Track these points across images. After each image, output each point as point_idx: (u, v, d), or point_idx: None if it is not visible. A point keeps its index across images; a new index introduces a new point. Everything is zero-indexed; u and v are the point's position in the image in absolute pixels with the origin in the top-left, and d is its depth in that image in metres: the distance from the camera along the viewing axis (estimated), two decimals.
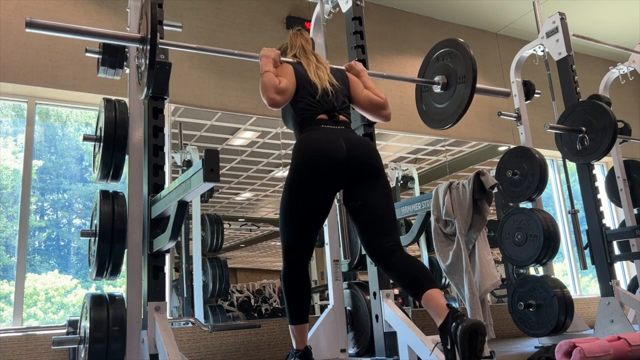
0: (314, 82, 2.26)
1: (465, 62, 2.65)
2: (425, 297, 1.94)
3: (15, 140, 3.86)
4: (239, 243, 4.39)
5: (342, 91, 2.34)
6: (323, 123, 2.22)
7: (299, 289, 2.25)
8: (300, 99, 2.24)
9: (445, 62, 2.79)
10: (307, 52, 2.42)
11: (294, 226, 2.22)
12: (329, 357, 2.92)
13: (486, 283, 2.73)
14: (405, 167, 5.22)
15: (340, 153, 2.13)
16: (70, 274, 3.91)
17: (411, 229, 3.31)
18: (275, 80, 2.21)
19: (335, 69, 2.45)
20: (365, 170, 2.17)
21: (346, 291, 3.18)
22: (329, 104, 2.25)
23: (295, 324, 2.25)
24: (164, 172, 2.39)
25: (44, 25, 2.09)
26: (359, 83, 2.44)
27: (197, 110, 4.26)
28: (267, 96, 2.19)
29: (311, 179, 2.13)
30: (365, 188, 2.17)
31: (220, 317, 3.98)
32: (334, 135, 2.18)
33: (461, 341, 1.68)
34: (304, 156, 2.15)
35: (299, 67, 2.33)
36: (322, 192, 2.18)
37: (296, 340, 2.28)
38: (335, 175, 2.14)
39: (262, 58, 2.33)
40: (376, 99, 2.39)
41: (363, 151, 2.19)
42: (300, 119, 2.25)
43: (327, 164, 2.12)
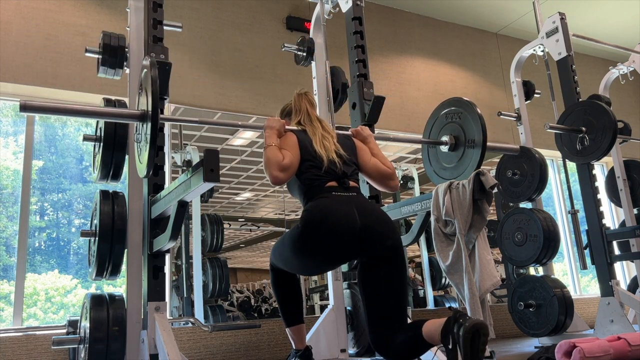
0: (319, 154, 2.15)
1: (475, 126, 2.59)
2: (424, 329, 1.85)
3: (15, 140, 3.86)
4: (239, 243, 4.39)
5: (351, 160, 2.24)
6: (333, 190, 2.10)
7: (290, 292, 2.29)
8: (306, 170, 2.13)
9: (453, 122, 2.74)
10: (313, 118, 2.31)
11: (289, 269, 2.24)
12: (329, 357, 2.92)
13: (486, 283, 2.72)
14: (405, 167, 5.22)
15: (353, 225, 1.99)
16: (70, 274, 3.91)
17: (411, 229, 3.31)
18: (279, 157, 2.08)
19: (342, 135, 2.36)
20: (380, 247, 2.03)
21: (346, 291, 3.18)
22: (337, 172, 2.15)
23: (291, 325, 2.29)
24: (164, 172, 2.39)
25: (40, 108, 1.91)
26: (366, 150, 2.35)
27: (197, 110, 4.26)
28: (270, 173, 2.06)
29: (319, 249, 2.03)
30: (378, 267, 2.03)
31: (220, 317, 3.98)
32: (346, 205, 2.04)
33: (464, 341, 1.67)
34: (314, 225, 2.01)
35: (304, 136, 2.22)
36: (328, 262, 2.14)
37: (295, 341, 2.31)
38: (347, 249, 2.02)
39: (266, 129, 2.20)
40: (384, 169, 2.30)
41: (379, 224, 2.05)
42: (307, 189, 2.13)
43: (339, 235, 1.98)
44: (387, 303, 2.02)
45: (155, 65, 1.98)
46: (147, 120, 1.98)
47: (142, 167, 2.09)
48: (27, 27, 3.79)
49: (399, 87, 5.36)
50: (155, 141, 1.92)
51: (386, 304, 2.02)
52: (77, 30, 3.96)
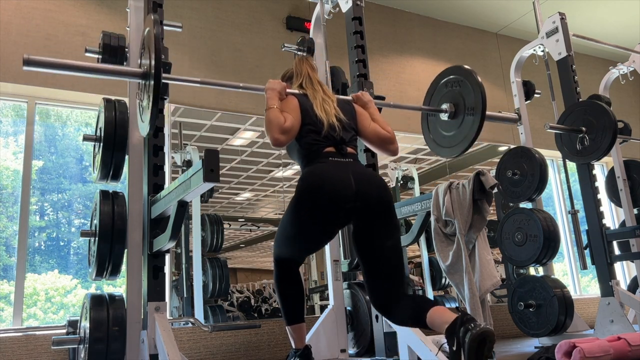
0: (320, 117, 2.18)
1: (474, 93, 2.59)
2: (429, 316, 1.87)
3: (16, 140, 3.86)
4: (239, 243, 4.39)
5: (350, 125, 2.27)
6: (330, 156, 2.14)
7: (292, 289, 2.28)
8: (306, 134, 2.17)
9: (453, 89, 2.74)
10: (314, 81, 2.34)
11: (293, 248, 2.24)
12: (329, 357, 2.92)
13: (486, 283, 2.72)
14: (405, 167, 5.22)
15: (348, 189, 2.04)
16: (70, 274, 3.91)
17: (411, 229, 3.31)
18: (280, 119, 2.11)
19: (342, 100, 2.38)
20: (374, 209, 2.08)
21: (346, 291, 3.18)
22: (336, 137, 2.18)
23: (291, 324, 2.28)
24: (164, 172, 2.40)
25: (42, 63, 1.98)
26: (366, 115, 2.37)
27: (197, 110, 4.26)
28: (271, 135, 2.09)
29: (316, 213, 2.06)
30: (374, 230, 2.09)
31: (220, 317, 3.98)
32: (342, 170, 2.09)
33: (469, 347, 1.64)
34: (310, 189, 2.07)
35: (305, 100, 2.25)
36: (327, 226, 2.14)
37: (295, 340, 2.30)
38: (342, 212, 2.06)
39: (267, 91, 2.23)
40: (384, 134, 2.32)
41: (373, 188, 2.10)
42: (306, 153, 2.17)
43: (335, 201, 2.03)
44: (384, 262, 2.08)
45: (159, 22, 1.98)
46: (149, 79, 1.99)
47: (144, 125, 2.10)
48: (27, 27, 3.79)
49: (399, 87, 5.36)
50: (157, 99, 1.94)
51: (383, 263, 2.08)
52: (77, 30, 3.96)
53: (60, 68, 2.06)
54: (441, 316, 1.83)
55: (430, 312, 1.87)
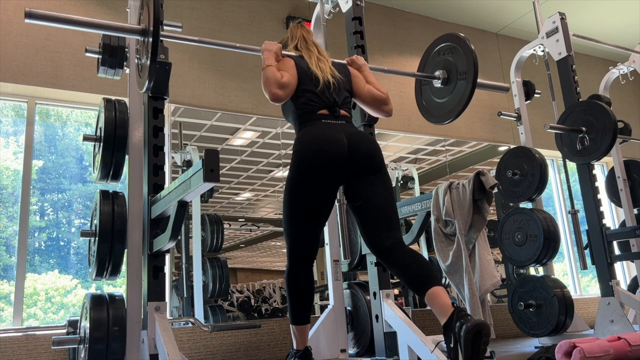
0: (315, 75, 2.26)
1: (466, 58, 2.64)
2: (428, 294, 1.93)
3: (16, 140, 3.86)
4: (239, 243, 4.38)
5: (344, 84, 2.34)
6: (324, 118, 2.22)
7: (302, 289, 2.25)
8: (302, 94, 2.24)
9: (446, 57, 2.77)
10: (309, 43, 2.42)
11: (298, 223, 2.21)
12: (329, 357, 2.92)
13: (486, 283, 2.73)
14: (405, 167, 5.22)
15: (341, 148, 2.13)
16: (70, 274, 3.91)
17: (411, 229, 3.31)
18: (277, 75, 2.19)
19: (337, 63, 2.45)
20: (366, 165, 2.17)
21: (346, 291, 3.18)
22: (329, 98, 2.25)
23: (296, 324, 2.26)
24: (164, 172, 2.39)
25: (43, 16, 2.05)
26: (360, 77, 2.44)
27: (197, 110, 4.26)
28: (269, 90, 2.17)
29: (312, 174, 2.13)
30: (366, 184, 2.17)
31: (220, 317, 3.98)
32: (334, 130, 2.17)
33: (465, 341, 1.67)
34: (305, 151, 2.15)
35: (301, 60, 2.33)
36: (323, 187, 2.17)
37: (297, 340, 2.29)
38: (336, 170, 2.14)
39: (264, 52, 2.33)
40: (378, 94, 2.39)
41: (364, 146, 2.19)
42: (300, 113, 2.24)
43: (328, 159, 2.12)
44: (378, 209, 2.15)
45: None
46: (148, 35, 2.03)
47: (142, 81, 2.14)
48: (27, 27, 3.79)
49: (399, 87, 5.36)
50: (156, 54, 1.98)
51: (377, 209, 2.15)
52: (77, 30, 3.95)
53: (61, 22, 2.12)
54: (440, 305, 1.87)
55: (432, 289, 1.92)
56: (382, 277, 2.65)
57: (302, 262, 2.24)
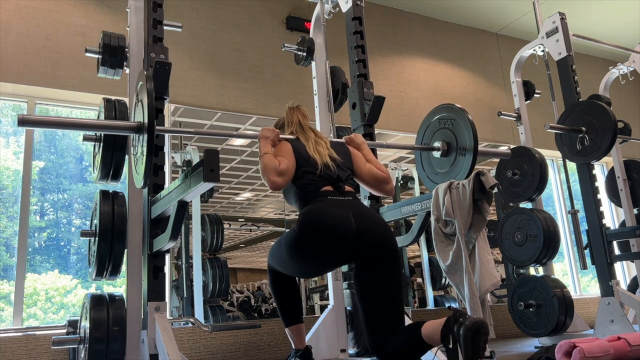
0: (313, 159, 2.18)
1: (467, 133, 2.57)
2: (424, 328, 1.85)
3: (16, 140, 3.86)
4: (239, 243, 4.38)
5: (345, 165, 2.27)
6: (329, 194, 2.12)
7: (288, 292, 2.31)
8: (302, 176, 2.16)
9: (446, 128, 2.72)
10: (305, 128, 2.35)
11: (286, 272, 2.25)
12: (329, 357, 2.92)
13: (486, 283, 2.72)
14: (405, 167, 5.22)
15: (348, 227, 2.00)
16: (70, 274, 3.91)
17: (411, 229, 3.31)
18: (275, 162, 2.11)
19: (336, 142, 2.39)
20: (376, 249, 2.03)
21: (346, 291, 3.18)
22: (332, 176, 2.17)
23: (290, 325, 2.31)
24: (164, 172, 2.39)
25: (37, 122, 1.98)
26: (360, 156, 2.38)
27: (197, 110, 4.26)
28: (268, 179, 2.08)
29: (315, 253, 2.04)
30: (373, 272, 2.03)
31: (220, 317, 3.98)
32: (341, 208, 2.05)
33: (464, 340, 1.67)
34: (309, 229, 2.03)
35: (298, 143, 2.26)
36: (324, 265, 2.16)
37: (294, 341, 2.32)
38: (342, 251, 2.03)
39: (260, 139, 2.23)
40: (379, 174, 2.33)
41: (374, 227, 2.05)
42: (303, 194, 2.15)
43: (335, 238, 1.99)
44: (383, 305, 2.02)
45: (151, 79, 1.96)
46: (143, 132, 1.97)
47: (138, 177, 2.08)
48: (27, 27, 3.79)
49: (399, 87, 5.36)
50: (151, 153, 1.93)
51: (382, 305, 2.02)
52: (77, 30, 3.96)
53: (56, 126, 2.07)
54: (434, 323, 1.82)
55: (424, 325, 1.86)
56: None
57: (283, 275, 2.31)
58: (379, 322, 2.01)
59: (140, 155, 2.02)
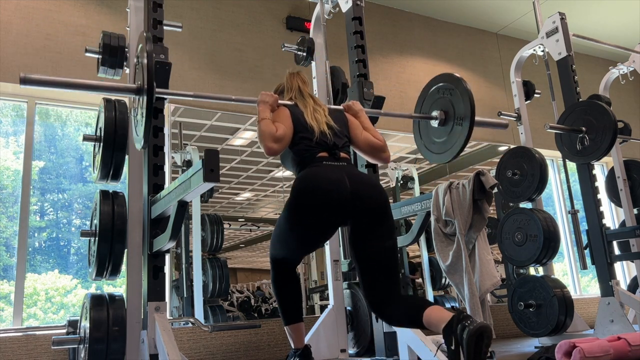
0: (310, 126, 2.21)
1: (464, 102, 2.60)
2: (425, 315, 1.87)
3: (16, 140, 3.86)
4: (239, 243, 4.39)
5: (342, 132, 2.30)
6: (324, 160, 2.17)
7: (289, 289, 2.30)
8: (299, 142, 2.20)
9: (444, 97, 2.74)
10: (304, 94, 2.38)
11: (288, 249, 2.25)
12: (329, 357, 2.92)
13: (486, 283, 2.72)
14: (405, 167, 5.22)
15: (344, 190, 2.05)
16: (70, 274, 3.91)
17: (411, 229, 3.31)
18: (272, 128, 2.14)
19: (333, 109, 2.41)
20: (370, 212, 2.09)
21: (346, 291, 3.18)
22: (328, 143, 2.21)
23: (290, 324, 2.30)
24: (164, 172, 2.40)
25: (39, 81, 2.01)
26: (357, 124, 2.40)
27: (197, 110, 4.26)
28: (264, 144, 2.12)
29: (311, 215, 2.07)
30: (369, 234, 2.09)
31: (220, 317, 3.98)
32: (336, 173, 2.10)
33: (467, 344, 1.66)
34: (305, 190, 2.08)
35: (296, 109, 2.29)
36: (322, 228, 2.16)
37: (294, 340, 2.32)
38: (338, 213, 2.08)
39: (259, 104, 2.26)
40: (375, 142, 2.35)
41: (368, 190, 2.11)
42: (299, 159, 2.20)
43: (330, 201, 2.04)
44: (380, 262, 2.08)
45: (151, 39, 2.01)
46: (143, 94, 2.02)
47: (139, 139, 2.14)
48: (27, 27, 3.79)
49: (399, 87, 5.36)
50: (150, 113, 1.98)
51: (379, 263, 2.08)
52: (77, 30, 3.96)
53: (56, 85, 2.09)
54: (438, 315, 1.84)
55: (427, 311, 1.88)
56: None
57: (286, 268, 2.30)
58: (376, 283, 2.08)
59: (140, 118, 2.07)
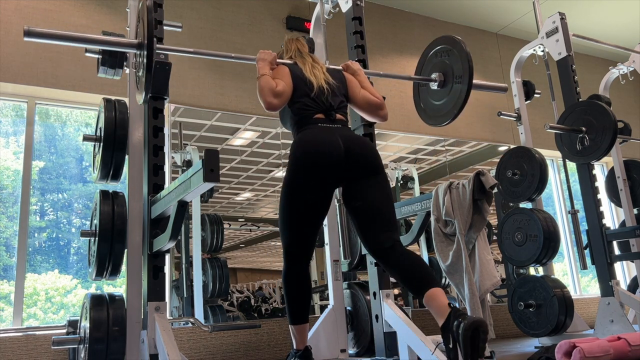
0: (309, 81, 2.28)
1: (461, 61, 2.64)
2: (427, 296, 1.94)
3: (16, 140, 3.86)
4: (239, 243, 4.38)
5: (339, 90, 2.36)
6: (320, 122, 2.24)
7: (300, 289, 2.26)
8: (297, 99, 2.27)
9: (442, 59, 2.78)
10: (303, 53, 2.45)
11: (293, 225, 2.22)
12: (329, 357, 2.92)
13: (486, 283, 2.73)
14: (405, 167, 5.22)
15: (337, 150, 2.14)
16: (70, 274, 3.91)
17: (411, 229, 3.31)
18: (272, 83, 2.21)
19: (332, 68, 2.47)
20: (363, 168, 2.18)
21: (346, 291, 3.18)
22: (325, 103, 2.27)
23: (295, 324, 2.26)
24: (164, 172, 2.39)
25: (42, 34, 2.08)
26: (356, 83, 2.46)
27: (197, 110, 4.26)
28: (264, 99, 2.19)
29: (308, 176, 2.15)
30: (364, 186, 2.18)
31: (220, 317, 3.98)
32: (330, 133, 2.19)
33: (463, 339, 1.68)
34: (301, 154, 2.17)
35: (295, 67, 2.36)
36: (320, 189, 2.19)
37: (296, 340, 2.29)
38: (333, 173, 2.16)
39: (258, 61, 2.33)
40: (373, 99, 2.41)
41: (361, 148, 2.20)
42: (297, 119, 2.27)
43: (325, 162, 2.13)
44: (379, 210, 2.15)
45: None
46: (144, 49, 2.08)
47: (140, 95, 2.20)
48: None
49: (399, 87, 5.36)
50: (151, 67, 2.03)
51: (378, 210, 2.15)
52: (77, 30, 3.96)
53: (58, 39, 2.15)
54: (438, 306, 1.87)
55: (431, 290, 1.92)
56: (382, 277, 2.65)
57: (298, 261, 2.24)
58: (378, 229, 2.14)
59: (142, 73, 2.13)
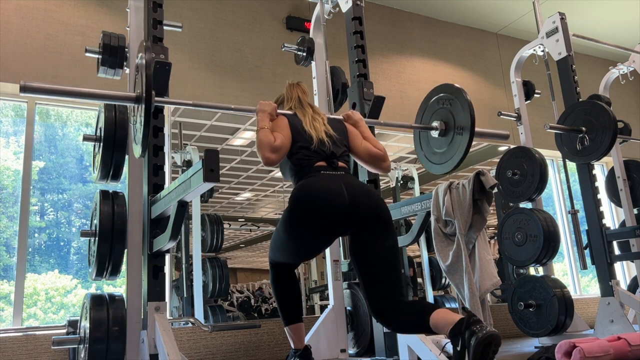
0: (309, 134, 2.21)
1: (464, 113, 2.60)
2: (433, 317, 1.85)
3: (16, 140, 3.86)
4: (239, 243, 4.39)
5: (341, 141, 2.29)
6: (322, 169, 2.15)
7: (289, 290, 2.32)
8: (297, 151, 2.19)
9: (444, 107, 2.75)
10: (304, 103, 2.37)
11: (287, 255, 2.26)
12: (329, 357, 2.92)
13: (486, 283, 2.72)
14: (405, 167, 5.22)
15: (341, 198, 2.04)
16: (70, 274, 3.91)
17: (411, 229, 3.31)
18: (270, 138, 2.14)
19: (333, 118, 2.41)
20: (369, 220, 2.07)
21: (346, 291, 3.18)
22: (326, 152, 2.20)
23: (290, 324, 2.31)
24: (164, 172, 2.40)
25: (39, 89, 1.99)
26: (357, 133, 2.39)
27: (197, 110, 4.26)
28: (262, 155, 2.12)
29: (311, 225, 2.07)
30: (369, 241, 2.07)
31: (220, 317, 3.98)
32: (334, 182, 2.09)
33: (474, 350, 1.64)
34: (304, 202, 2.07)
35: (295, 118, 2.28)
36: (321, 239, 2.16)
37: (294, 340, 2.32)
38: (334, 220, 2.06)
39: (258, 112, 2.25)
40: (375, 151, 2.33)
41: (367, 199, 2.09)
42: (297, 169, 2.19)
43: (328, 212, 2.03)
44: (381, 269, 2.05)
45: (150, 49, 2.03)
46: (141, 102, 2.04)
47: (137, 147, 2.15)
48: (27, 27, 3.79)
49: (399, 87, 5.36)
50: (148, 122, 1.99)
51: (380, 270, 2.05)
52: (77, 30, 3.96)
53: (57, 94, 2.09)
54: (445, 318, 1.81)
55: (434, 314, 1.85)
56: None
57: (285, 270, 2.32)
58: (379, 291, 2.04)
59: (139, 126, 2.08)
